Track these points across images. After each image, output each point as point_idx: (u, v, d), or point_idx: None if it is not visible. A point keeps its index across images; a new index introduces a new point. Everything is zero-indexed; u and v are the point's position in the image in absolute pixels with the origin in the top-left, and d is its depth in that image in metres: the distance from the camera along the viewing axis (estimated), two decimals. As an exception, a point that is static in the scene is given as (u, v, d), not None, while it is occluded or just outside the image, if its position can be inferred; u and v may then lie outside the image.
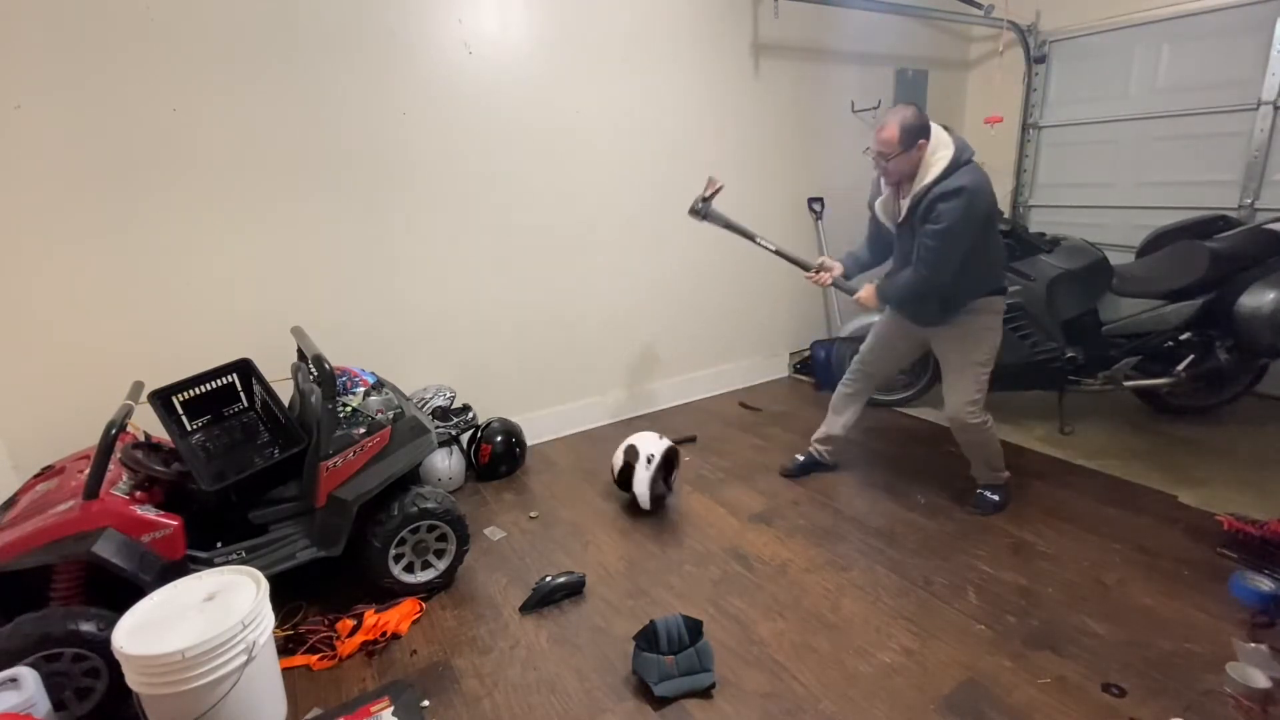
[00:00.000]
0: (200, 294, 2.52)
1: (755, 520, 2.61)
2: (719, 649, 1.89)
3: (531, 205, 3.20)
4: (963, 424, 2.45)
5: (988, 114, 4.42)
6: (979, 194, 2.08)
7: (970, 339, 2.38)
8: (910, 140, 2.08)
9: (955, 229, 2.08)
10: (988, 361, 2.39)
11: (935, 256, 2.15)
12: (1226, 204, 3.59)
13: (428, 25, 2.77)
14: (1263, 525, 2.16)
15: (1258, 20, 3.41)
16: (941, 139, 2.12)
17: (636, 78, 3.36)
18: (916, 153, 2.10)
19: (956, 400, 2.43)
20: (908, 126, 2.07)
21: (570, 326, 3.46)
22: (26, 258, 2.23)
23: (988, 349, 2.38)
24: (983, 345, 2.37)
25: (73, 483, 1.82)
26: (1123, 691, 1.68)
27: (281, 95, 2.53)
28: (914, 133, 2.08)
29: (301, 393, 2.35)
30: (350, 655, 1.95)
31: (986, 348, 2.37)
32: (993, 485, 2.59)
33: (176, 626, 1.51)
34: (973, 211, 2.08)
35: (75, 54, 2.19)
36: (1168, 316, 2.93)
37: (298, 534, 2.07)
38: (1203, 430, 3.14)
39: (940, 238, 2.11)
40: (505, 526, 2.66)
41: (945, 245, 2.12)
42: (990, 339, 2.38)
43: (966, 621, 1.98)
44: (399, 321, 2.97)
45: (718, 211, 2.74)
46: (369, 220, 2.81)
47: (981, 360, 2.38)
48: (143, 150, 2.34)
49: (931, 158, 2.10)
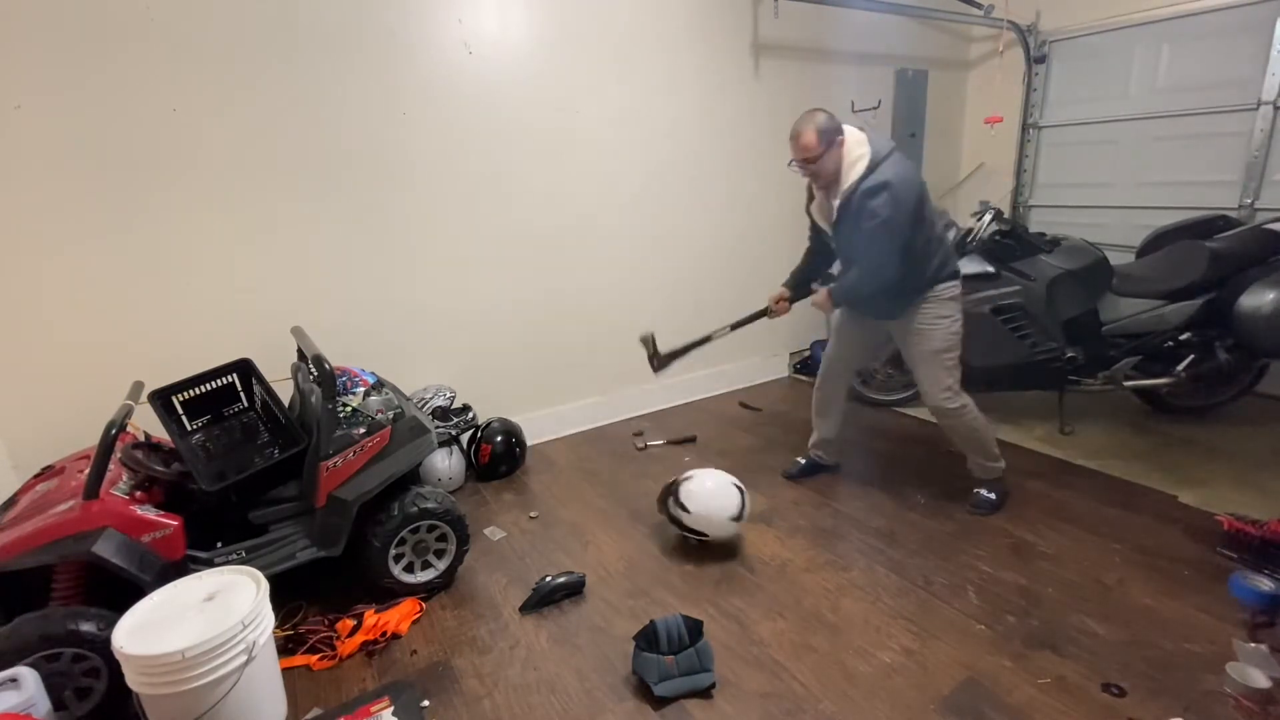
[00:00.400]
0: (200, 294, 2.52)
1: (755, 520, 2.61)
2: (719, 649, 1.89)
3: (531, 205, 3.20)
4: (942, 410, 2.45)
5: (988, 114, 4.42)
6: (905, 184, 2.11)
7: (925, 330, 2.38)
8: (828, 140, 2.13)
9: (889, 222, 2.11)
10: (950, 348, 2.38)
11: (875, 250, 2.19)
12: (1226, 204, 3.59)
13: (428, 25, 2.77)
14: (1263, 525, 2.16)
15: (1258, 20, 3.41)
16: (856, 137, 2.16)
17: (636, 78, 3.36)
18: (838, 149, 2.15)
19: (929, 389, 2.44)
20: (822, 128, 2.12)
21: (570, 326, 3.46)
22: (26, 258, 2.23)
23: (944, 336, 2.37)
24: (937, 334, 2.36)
25: (73, 483, 1.82)
26: (1123, 691, 1.68)
27: (282, 95, 2.53)
28: (830, 133, 2.13)
29: (301, 393, 2.35)
30: (350, 655, 1.95)
31: (942, 334, 2.36)
32: (989, 481, 2.58)
33: (176, 626, 1.51)
34: (902, 203, 2.11)
35: (75, 54, 2.19)
36: (1168, 316, 2.93)
37: (298, 534, 2.07)
38: (1203, 430, 3.14)
39: (875, 233, 2.14)
40: (505, 526, 2.66)
41: (882, 239, 2.15)
42: (945, 326, 2.36)
43: (966, 621, 1.98)
44: (399, 321, 2.97)
45: (668, 353, 2.84)
46: (369, 220, 2.81)
47: (941, 348, 2.38)
48: (143, 150, 2.34)
49: (851, 157, 2.15)
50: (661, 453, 3.31)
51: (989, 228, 3.11)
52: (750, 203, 3.97)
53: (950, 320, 2.37)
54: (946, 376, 2.40)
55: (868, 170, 2.12)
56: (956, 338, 2.39)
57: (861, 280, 2.29)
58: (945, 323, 2.36)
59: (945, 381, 2.40)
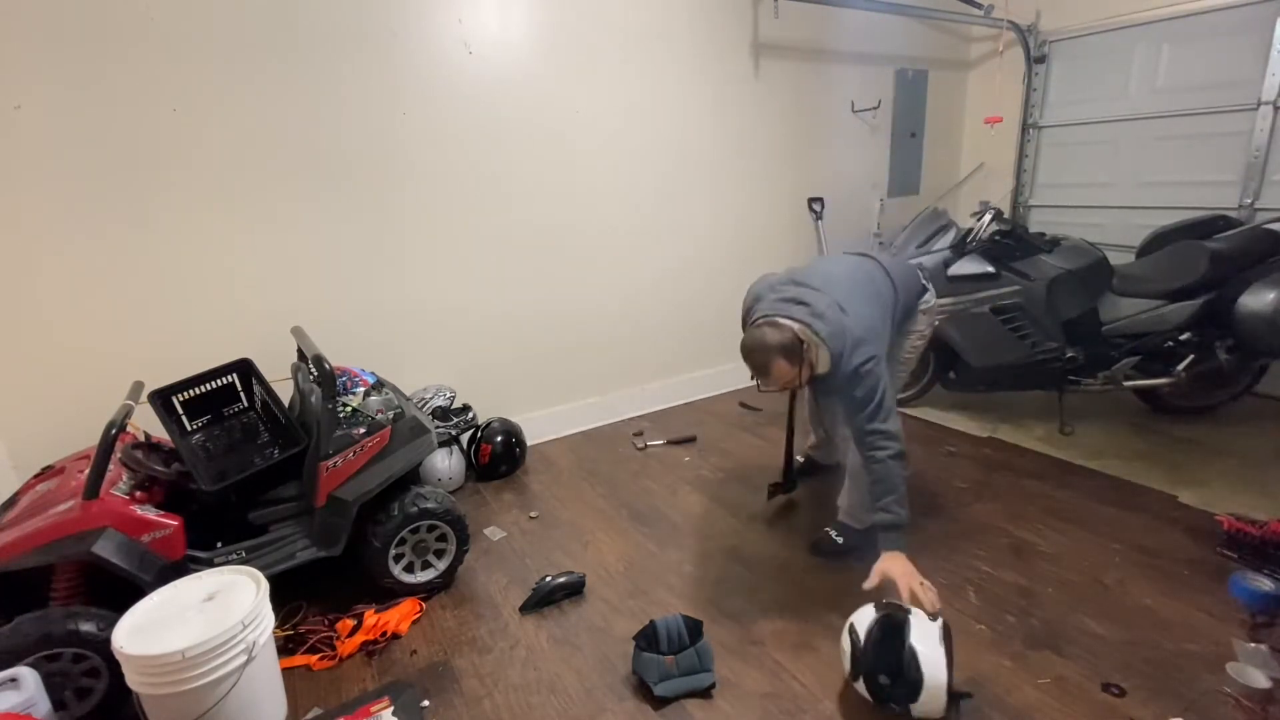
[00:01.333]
0: (200, 294, 2.52)
1: (755, 520, 2.61)
2: (719, 649, 1.89)
3: (532, 205, 3.20)
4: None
5: (988, 114, 4.42)
6: (879, 359, 1.90)
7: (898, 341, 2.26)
8: (799, 356, 1.87)
9: (878, 383, 1.89)
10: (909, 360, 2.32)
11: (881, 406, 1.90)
12: (1226, 204, 3.59)
13: (428, 25, 2.77)
14: (1263, 525, 2.16)
15: (1258, 20, 3.40)
16: (809, 338, 1.87)
17: (636, 78, 3.36)
18: (808, 364, 1.89)
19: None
20: (789, 352, 1.85)
21: (570, 326, 3.46)
22: (27, 258, 2.23)
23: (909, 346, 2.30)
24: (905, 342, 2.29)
25: (73, 483, 1.82)
26: (1123, 691, 1.68)
27: (282, 95, 2.53)
28: (794, 351, 1.86)
29: (301, 393, 2.35)
30: (350, 655, 1.95)
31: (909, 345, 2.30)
32: (846, 525, 2.33)
33: (176, 626, 1.51)
34: (883, 368, 1.91)
35: (76, 54, 2.19)
36: (1168, 316, 2.93)
37: (298, 534, 2.07)
38: (1203, 430, 3.14)
39: (873, 400, 1.88)
40: (505, 526, 2.66)
41: (884, 399, 1.90)
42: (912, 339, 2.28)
43: (966, 621, 1.98)
44: (399, 321, 2.97)
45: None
46: (369, 220, 2.81)
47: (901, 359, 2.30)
48: (143, 150, 2.34)
49: (813, 356, 1.90)
50: (661, 453, 3.31)
51: (989, 228, 3.11)
52: (750, 203, 3.97)
53: (917, 335, 2.29)
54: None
55: (834, 363, 1.90)
56: (917, 352, 2.32)
57: (895, 479, 1.90)
58: (914, 335, 2.29)
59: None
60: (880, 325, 1.98)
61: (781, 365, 1.87)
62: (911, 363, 2.30)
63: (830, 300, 1.92)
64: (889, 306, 2.06)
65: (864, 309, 1.95)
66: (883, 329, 1.98)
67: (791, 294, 1.97)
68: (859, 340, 1.87)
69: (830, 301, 1.91)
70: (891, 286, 2.10)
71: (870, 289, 2.05)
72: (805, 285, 1.99)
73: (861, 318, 1.92)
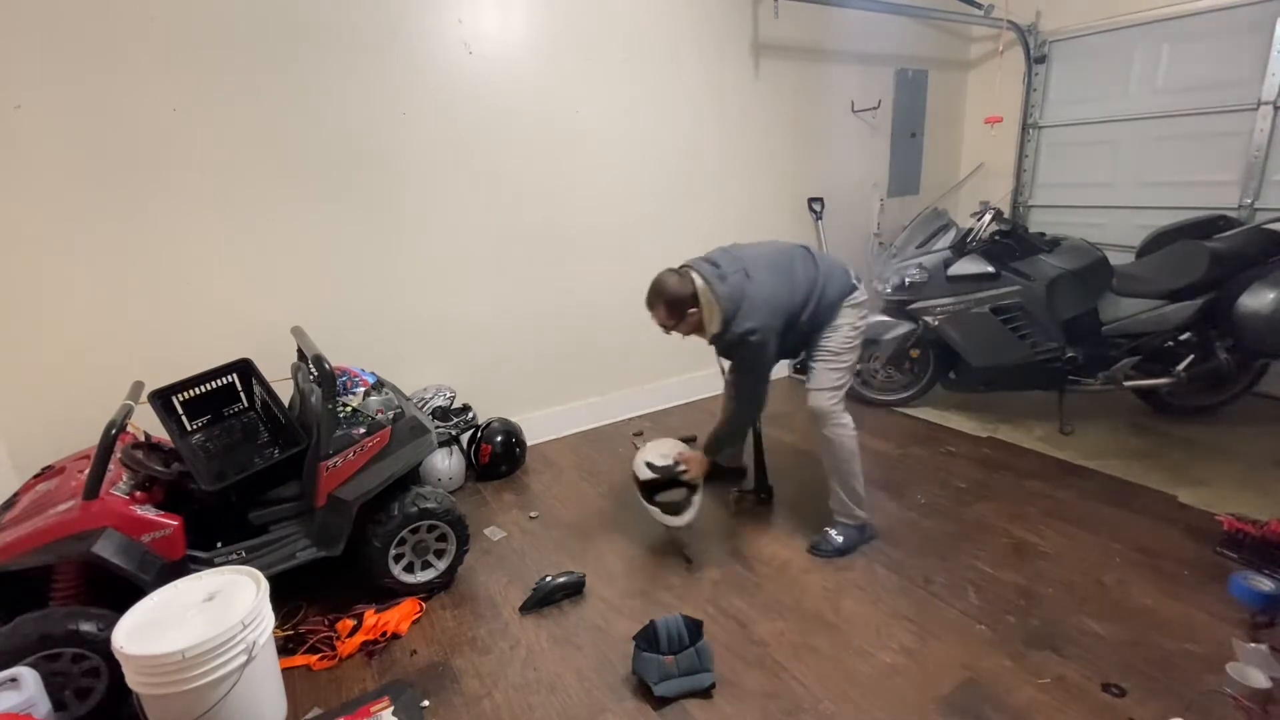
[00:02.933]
0: (200, 294, 2.52)
1: (755, 520, 2.61)
2: (719, 649, 1.89)
3: (532, 205, 3.20)
4: (820, 411, 2.28)
5: (988, 114, 4.42)
6: (766, 330, 2.12)
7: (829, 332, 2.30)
8: (679, 314, 2.15)
9: (755, 367, 2.22)
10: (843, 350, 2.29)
11: (746, 387, 2.30)
12: (1226, 204, 3.59)
13: (428, 25, 2.77)
14: (1263, 525, 2.16)
15: (1258, 20, 3.41)
16: (706, 299, 2.11)
17: (636, 78, 3.36)
18: (694, 317, 2.16)
19: (814, 386, 2.31)
20: (672, 301, 2.14)
21: (570, 326, 3.46)
22: (27, 258, 2.23)
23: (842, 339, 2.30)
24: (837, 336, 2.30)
25: (73, 483, 1.82)
26: (1123, 691, 1.68)
27: (282, 95, 2.53)
28: (680, 305, 2.14)
29: (301, 393, 2.35)
30: (350, 655, 1.95)
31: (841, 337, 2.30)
32: (843, 524, 2.38)
33: (176, 626, 1.51)
34: (762, 345, 2.13)
35: (76, 54, 2.18)
36: (1168, 316, 2.93)
37: (298, 534, 2.07)
38: (1203, 430, 3.14)
39: (743, 376, 2.27)
40: (505, 526, 2.66)
41: (749, 379, 2.27)
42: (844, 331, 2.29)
43: (966, 621, 1.98)
44: (399, 321, 2.97)
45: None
46: (369, 220, 2.81)
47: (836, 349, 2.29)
48: (143, 150, 2.34)
49: (707, 315, 2.14)
50: (661, 453, 3.30)
51: (989, 228, 3.11)
52: (750, 202, 3.96)
53: (849, 327, 2.29)
54: (836, 377, 2.29)
55: (724, 324, 2.13)
56: (849, 349, 2.30)
57: (733, 420, 2.39)
58: (845, 328, 2.29)
59: (833, 380, 2.29)
60: (782, 301, 2.16)
61: (661, 311, 2.19)
62: (849, 356, 2.31)
63: (740, 268, 2.13)
64: (802, 291, 2.20)
65: (769, 282, 2.14)
66: (783, 304, 2.16)
67: (714, 256, 2.22)
68: (750, 310, 2.09)
69: (740, 269, 2.13)
70: (814, 275, 2.24)
71: (786, 271, 2.21)
72: (728, 253, 2.22)
73: (763, 286, 2.12)
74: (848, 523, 2.38)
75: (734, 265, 2.14)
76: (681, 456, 2.43)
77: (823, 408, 2.28)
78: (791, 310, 2.18)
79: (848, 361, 2.30)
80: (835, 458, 2.32)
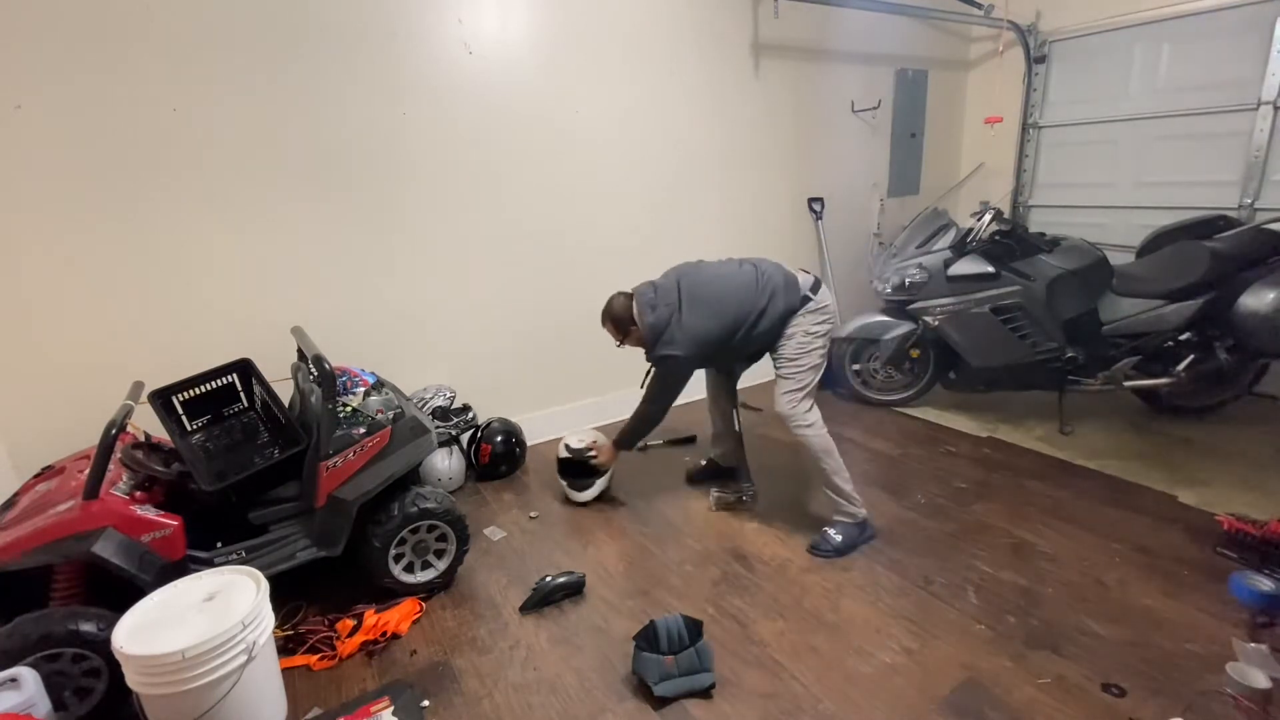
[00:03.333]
0: (200, 294, 2.52)
1: (755, 520, 2.61)
2: (719, 649, 1.89)
3: (532, 205, 3.20)
4: (784, 416, 2.39)
5: (988, 114, 4.42)
6: (682, 359, 2.36)
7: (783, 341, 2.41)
8: (624, 329, 2.47)
9: (667, 384, 2.49)
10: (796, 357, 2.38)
11: (657, 395, 2.53)
12: (1226, 204, 3.59)
13: (428, 25, 2.77)
14: (1263, 525, 2.16)
15: (1258, 20, 3.41)
16: (644, 322, 2.38)
17: (636, 78, 3.36)
18: (635, 333, 2.45)
19: (777, 394, 2.42)
20: (617, 320, 2.47)
21: (570, 326, 3.46)
22: (26, 258, 2.23)
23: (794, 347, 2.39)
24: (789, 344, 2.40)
25: (73, 483, 1.82)
26: (1123, 691, 1.69)
27: (282, 95, 2.53)
28: (624, 322, 2.45)
29: (301, 393, 2.35)
30: (350, 655, 1.95)
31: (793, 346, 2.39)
32: (842, 522, 2.41)
33: (176, 626, 1.51)
34: (679, 366, 2.41)
35: (76, 53, 2.18)
36: (1168, 316, 2.93)
37: (298, 534, 2.07)
38: (1203, 430, 3.14)
39: (659, 386, 2.50)
40: (505, 526, 2.66)
41: (665, 390, 2.51)
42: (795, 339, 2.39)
43: (966, 621, 1.98)
44: (399, 321, 2.97)
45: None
46: (369, 220, 2.81)
47: (790, 356, 2.40)
48: (143, 150, 2.34)
49: (636, 337, 2.45)
50: (661, 453, 3.31)
51: (989, 228, 3.11)
52: (750, 202, 3.96)
53: (801, 333, 2.37)
54: (793, 383, 2.37)
55: (649, 347, 2.43)
56: (805, 352, 2.36)
57: (641, 420, 2.60)
58: (798, 335, 2.38)
59: (789, 385, 2.38)
60: (710, 333, 2.36)
61: (610, 327, 2.51)
62: (806, 359, 2.38)
63: (673, 304, 2.37)
64: (731, 320, 2.37)
65: (695, 318, 2.35)
66: (710, 336, 2.36)
67: (660, 281, 2.47)
68: (669, 341, 2.35)
69: (672, 304, 2.37)
70: (751, 303, 2.38)
71: (717, 304, 2.37)
72: (674, 286, 2.41)
73: (689, 321, 2.34)
74: (846, 520, 2.40)
75: (668, 297, 2.38)
76: (595, 445, 2.77)
77: (784, 411, 2.39)
78: (720, 338, 2.37)
79: (805, 364, 2.38)
80: (811, 457, 2.39)
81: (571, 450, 2.79)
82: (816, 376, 2.41)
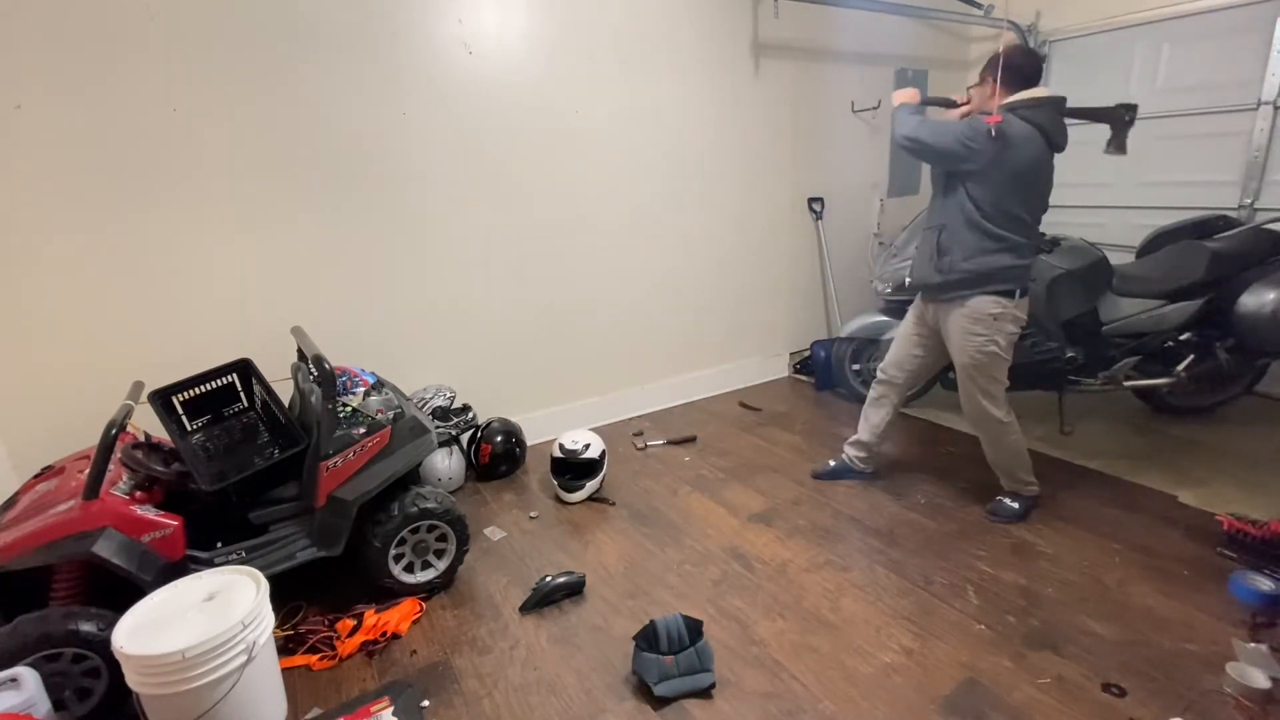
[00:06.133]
0: (201, 294, 2.52)
1: (755, 520, 2.61)
2: (719, 649, 1.89)
3: (531, 205, 3.20)
4: (972, 419, 2.50)
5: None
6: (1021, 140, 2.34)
7: (955, 340, 2.38)
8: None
9: (976, 143, 2.32)
10: (978, 364, 2.34)
11: (951, 130, 2.32)
12: (1226, 204, 3.59)
13: (428, 26, 2.77)
14: (1263, 525, 2.16)
15: (1258, 20, 3.40)
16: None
17: (636, 78, 3.36)
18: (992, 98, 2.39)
19: (962, 398, 2.47)
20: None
21: (570, 326, 3.47)
22: (27, 258, 2.23)
23: (972, 353, 2.33)
24: (968, 348, 2.34)
25: (73, 483, 1.82)
26: (1123, 691, 1.69)
27: (282, 95, 2.53)
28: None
29: (301, 393, 2.35)
30: (350, 655, 1.95)
31: (973, 351, 2.33)
32: (1016, 494, 2.54)
33: (176, 626, 1.51)
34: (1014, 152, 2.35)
35: (76, 54, 2.19)
36: (1168, 316, 2.93)
37: (298, 534, 2.07)
38: (1203, 430, 3.14)
39: (964, 127, 2.31)
40: (505, 526, 2.66)
41: (964, 133, 2.30)
42: (975, 344, 2.32)
43: (966, 621, 1.98)
44: (399, 321, 2.97)
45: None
46: (369, 220, 2.81)
47: (967, 362, 2.36)
48: (143, 150, 2.34)
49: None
50: (661, 453, 3.31)
51: (989, 228, 3.10)
52: (750, 202, 3.97)
53: (983, 339, 2.31)
54: (974, 389, 2.40)
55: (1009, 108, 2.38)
56: (987, 357, 2.33)
57: (917, 128, 2.32)
58: (977, 340, 2.32)
59: (970, 391, 2.41)
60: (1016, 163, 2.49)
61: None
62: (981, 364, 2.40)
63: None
64: (1014, 201, 2.57)
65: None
66: (1000, 164, 2.46)
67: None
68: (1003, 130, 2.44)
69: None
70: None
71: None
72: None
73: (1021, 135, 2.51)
74: (1024, 492, 2.54)
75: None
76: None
77: (972, 417, 2.51)
78: (1009, 192, 2.54)
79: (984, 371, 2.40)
80: (1000, 457, 2.52)
81: (565, 451, 2.81)
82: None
